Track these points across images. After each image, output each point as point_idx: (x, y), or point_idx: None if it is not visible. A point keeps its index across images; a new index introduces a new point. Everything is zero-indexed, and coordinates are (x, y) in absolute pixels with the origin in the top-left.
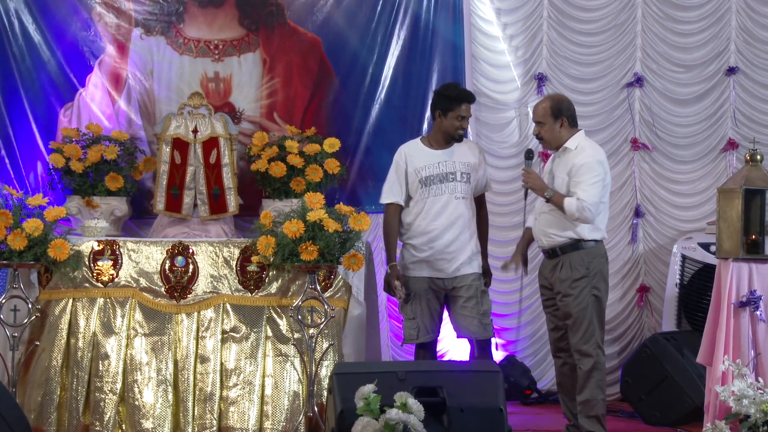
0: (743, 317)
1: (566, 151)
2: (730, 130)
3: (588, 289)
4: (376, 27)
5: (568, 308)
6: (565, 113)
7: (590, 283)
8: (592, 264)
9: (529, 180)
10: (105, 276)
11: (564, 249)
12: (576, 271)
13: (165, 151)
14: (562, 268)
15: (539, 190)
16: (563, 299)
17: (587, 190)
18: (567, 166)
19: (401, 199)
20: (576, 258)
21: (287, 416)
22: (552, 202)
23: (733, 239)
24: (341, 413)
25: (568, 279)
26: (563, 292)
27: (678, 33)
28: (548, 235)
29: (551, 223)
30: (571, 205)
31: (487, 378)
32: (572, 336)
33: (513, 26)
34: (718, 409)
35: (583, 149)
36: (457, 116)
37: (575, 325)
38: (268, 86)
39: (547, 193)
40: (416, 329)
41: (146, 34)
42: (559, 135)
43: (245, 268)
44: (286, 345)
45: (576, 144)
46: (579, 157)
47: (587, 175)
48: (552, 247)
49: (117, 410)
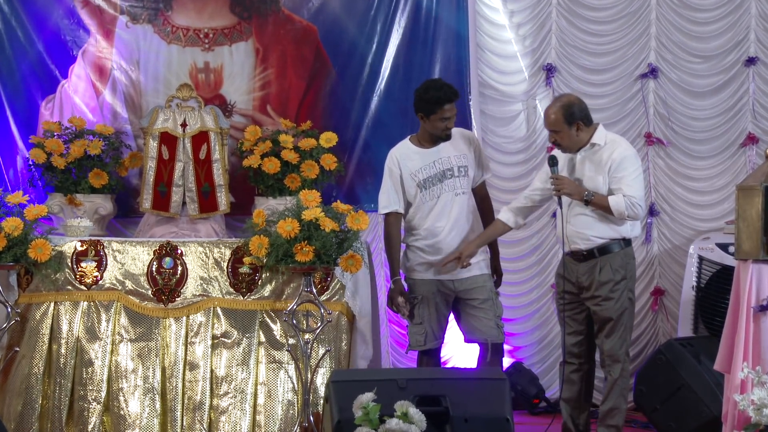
0: (763, 322)
1: (594, 147)
2: (750, 123)
3: (626, 293)
4: (375, 14)
5: (607, 312)
6: (578, 116)
7: (628, 285)
8: (629, 265)
9: (563, 186)
10: (89, 278)
11: (603, 250)
12: (617, 273)
13: (152, 146)
14: (602, 271)
15: (576, 195)
16: (602, 303)
17: (632, 185)
18: (600, 163)
19: (400, 206)
20: (617, 259)
21: (281, 426)
22: (593, 203)
23: (753, 239)
24: (338, 423)
25: (610, 282)
26: (604, 295)
27: (694, 21)
28: (587, 237)
29: (590, 224)
30: (618, 204)
31: (493, 386)
32: (607, 342)
33: (520, 14)
34: (736, 419)
35: (615, 142)
36: (440, 118)
37: (613, 329)
38: (261, 77)
39: (587, 195)
40: (423, 335)
41: (132, 22)
42: (577, 139)
43: (237, 270)
44: (280, 351)
45: (604, 139)
46: (616, 151)
47: (629, 169)
48: (590, 249)
49: (101, 420)
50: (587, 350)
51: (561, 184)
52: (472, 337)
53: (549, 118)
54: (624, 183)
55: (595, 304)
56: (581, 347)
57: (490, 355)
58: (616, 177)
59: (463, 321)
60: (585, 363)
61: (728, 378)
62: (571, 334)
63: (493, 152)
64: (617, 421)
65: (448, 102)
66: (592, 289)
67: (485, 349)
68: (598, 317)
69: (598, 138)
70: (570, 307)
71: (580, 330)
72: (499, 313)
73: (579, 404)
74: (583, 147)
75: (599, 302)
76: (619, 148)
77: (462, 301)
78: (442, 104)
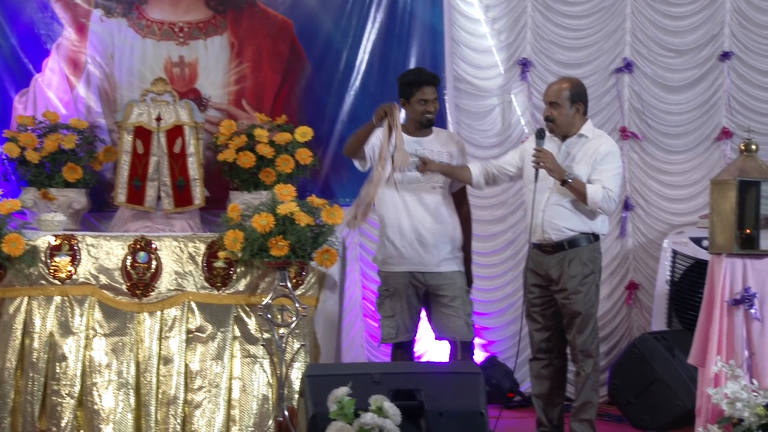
0: (737, 316)
1: (582, 138)
2: (724, 118)
3: (594, 287)
4: (350, 9)
5: (576, 306)
6: (582, 99)
7: (595, 280)
8: (597, 260)
9: (546, 160)
10: (62, 273)
11: (573, 243)
12: (586, 266)
13: (126, 140)
14: (571, 264)
15: (557, 172)
16: (571, 297)
17: (612, 180)
18: (586, 155)
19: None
20: (586, 253)
21: (256, 421)
22: (570, 186)
23: (727, 234)
24: (313, 418)
25: (578, 275)
26: (572, 289)
27: (669, 16)
28: (559, 228)
29: (564, 216)
30: (596, 193)
31: (468, 380)
32: (578, 336)
33: (496, 8)
34: (710, 412)
35: (603, 137)
36: (419, 100)
37: (583, 324)
38: (236, 71)
39: (568, 176)
40: (395, 328)
41: (106, 15)
42: (572, 120)
43: (212, 265)
44: (255, 345)
45: (592, 132)
46: (603, 145)
47: (613, 164)
48: (560, 240)
49: (75, 415)
50: (557, 345)
51: (544, 158)
52: (442, 335)
53: (553, 89)
54: (605, 176)
55: (564, 297)
56: (550, 342)
57: (460, 352)
58: (598, 169)
59: (433, 318)
60: (555, 358)
61: (702, 372)
62: (539, 329)
63: (468, 147)
64: (590, 415)
65: (426, 84)
66: (561, 282)
67: (455, 347)
68: (567, 311)
69: (587, 130)
70: (539, 302)
71: (549, 325)
72: (468, 311)
73: (551, 399)
74: (570, 137)
75: (568, 296)
76: (606, 143)
77: (432, 297)
78: (420, 86)
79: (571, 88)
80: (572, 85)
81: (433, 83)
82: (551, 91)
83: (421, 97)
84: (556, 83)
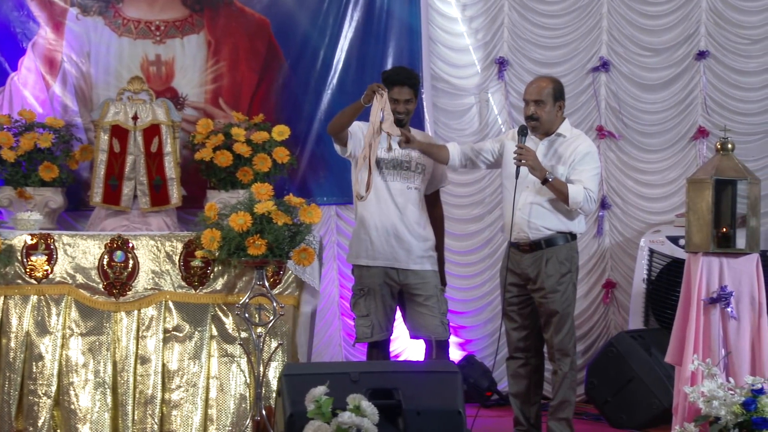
0: (713, 314)
1: (560, 138)
2: (701, 117)
3: (572, 286)
4: (327, 7)
5: (553, 305)
6: (563, 97)
7: (572, 279)
8: (574, 259)
9: (528, 158)
10: (39, 272)
11: (550, 242)
12: (563, 265)
13: (103, 139)
14: (548, 263)
15: (539, 171)
16: (548, 296)
17: (591, 180)
18: (563, 154)
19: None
20: (563, 252)
21: (233, 420)
22: (551, 186)
23: (703, 232)
24: (291, 417)
25: (555, 274)
26: (550, 288)
27: (645, 15)
28: (537, 227)
29: (542, 215)
30: (578, 193)
31: (445, 379)
32: (555, 335)
33: (472, 7)
34: (687, 410)
35: (581, 137)
36: (391, 99)
37: (560, 323)
38: (213, 70)
39: (549, 175)
40: (370, 327)
41: (83, 14)
42: (554, 118)
43: (189, 264)
44: (233, 345)
45: (569, 132)
46: (581, 145)
47: (591, 165)
48: (537, 239)
49: (52, 414)
50: (534, 344)
51: (527, 155)
52: (417, 334)
53: (538, 86)
54: (584, 176)
55: (542, 296)
56: (528, 341)
57: (435, 351)
58: (577, 169)
59: (408, 317)
60: (532, 357)
61: (679, 370)
62: (517, 329)
63: None
64: (567, 414)
65: (398, 84)
66: (538, 281)
67: (430, 346)
68: (544, 310)
69: (564, 129)
70: (516, 301)
71: (526, 324)
72: (443, 310)
73: (528, 398)
74: (550, 135)
75: (545, 295)
76: (584, 143)
77: (407, 296)
78: (392, 85)
79: (553, 85)
80: (554, 83)
81: (408, 84)
82: (534, 89)
83: (392, 96)
84: (538, 81)
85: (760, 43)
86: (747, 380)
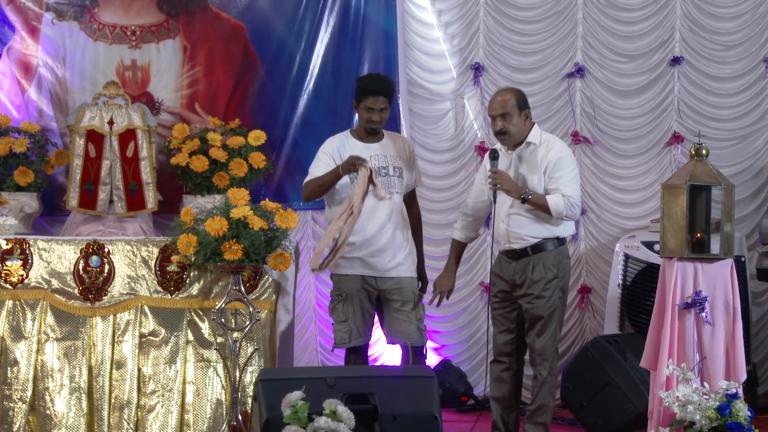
0: (688, 319)
1: (530, 146)
2: (675, 123)
3: (558, 291)
4: (303, 13)
5: (538, 311)
6: (527, 105)
7: (560, 284)
8: (562, 264)
9: (502, 182)
10: (14, 277)
11: (536, 248)
12: (549, 271)
13: (79, 144)
14: (534, 269)
15: (514, 192)
16: (534, 301)
17: (569, 185)
18: (535, 163)
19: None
20: (550, 258)
21: (209, 425)
22: (531, 202)
23: (678, 238)
24: (267, 422)
25: (542, 280)
26: (536, 293)
27: (620, 21)
28: (521, 237)
29: (524, 224)
30: (558, 204)
31: (422, 384)
32: (538, 340)
33: (448, 13)
34: (662, 415)
35: (550, 142)
36: (366, 107)
37: (543, 328)
38: (188, 75)
39: (525, 194)
40: (348, 332)
41: (58, 18)
42: (522, 128)
43: (165, 269)
44: (209, 350)
45: (538, 138)
46: (551, 151)
47: (566, 169)
48: (523, 248)
49: (27, 420)
50: (517, 349)
51: (500, 180)
52: (394, 339)
53: (501, 99)
54: (561, 183)
55: (528, 302)
56: (512, 346)
57: (412, 357)
58: (553, 177)
59: (385, 322)
60: (515, 362)
61: (654, 375)
62: (502, 332)
63: (421, 151)
64: (545, 419)
65: (374, 94)
66: (524, 287)
67: (407, 351)
68: (529, 315)
69: (533, 137)
70: (502, 305)
71: (512, 328)
72: (420, 315)
73: (510, 403)
74: (520, 144)
75: (531, 300)
76: (554, 148)
77: (385, 302)
78: (367, 94)
79: (516, 96)
80: (516, 94)
81: (383, 94)
82: (497, 104)
83: (366, 105)
84: (500, 95)
85: (734, 49)
86: (721, 385)
